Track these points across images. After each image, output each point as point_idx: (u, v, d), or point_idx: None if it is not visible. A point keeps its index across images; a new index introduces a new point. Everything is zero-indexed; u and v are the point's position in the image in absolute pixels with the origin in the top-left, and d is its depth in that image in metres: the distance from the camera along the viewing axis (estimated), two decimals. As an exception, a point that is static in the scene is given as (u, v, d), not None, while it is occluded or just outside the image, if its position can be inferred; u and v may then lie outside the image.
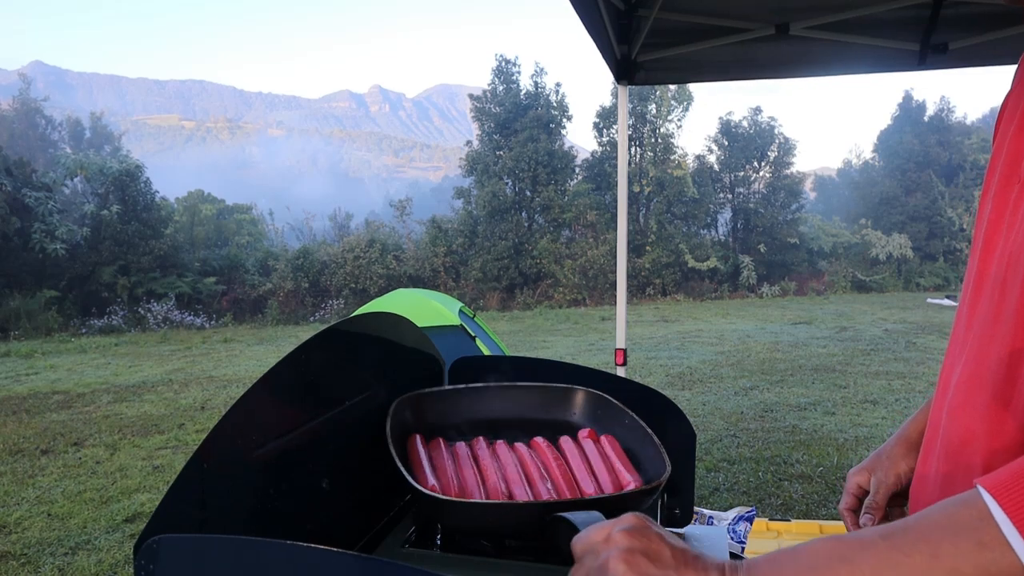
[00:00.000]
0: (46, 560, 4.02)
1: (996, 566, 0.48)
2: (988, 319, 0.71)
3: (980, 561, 0.48)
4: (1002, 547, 0.48)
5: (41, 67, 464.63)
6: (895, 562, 0.51)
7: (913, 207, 28.73)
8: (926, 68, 3.74)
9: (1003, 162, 0.76)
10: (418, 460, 1.22)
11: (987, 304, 0.72)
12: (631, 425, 1.30)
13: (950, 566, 0.49)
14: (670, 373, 9.39)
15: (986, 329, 0.71)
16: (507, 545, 1.14)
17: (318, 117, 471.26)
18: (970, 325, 0.75)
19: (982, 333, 0.72)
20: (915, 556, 0.50)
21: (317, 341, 1.11)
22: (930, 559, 0.50)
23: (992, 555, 0.48)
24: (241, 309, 22.50)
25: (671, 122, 26.54)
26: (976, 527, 0.49)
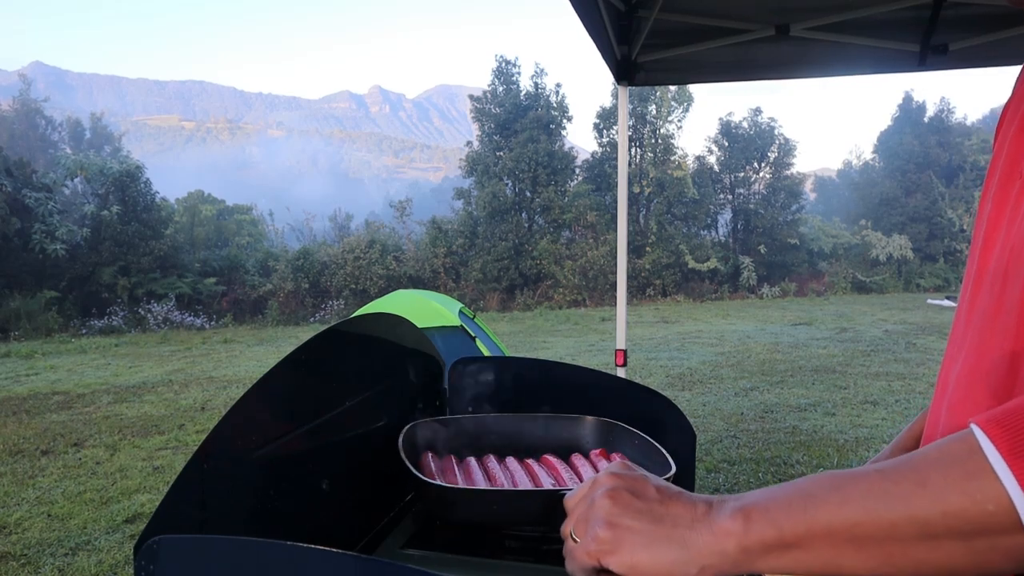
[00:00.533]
0: (46, 561, 4.02)
1: (982, 493, 0.48)
2: (988, 314, 0.72)
3: (966, 488, 0.49)
4: (988, 476, 0.48)
5: (41, 67, 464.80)
6: (883, 490, 0.52)
7: (913, 208, 28.74)
8: (926, 69, 3.74)
9: (1003, 161, 0.77)
10: (427, 466, 1.23)
11: (987, 299, 0.73)
12: (641, 444, 1.31)
13: (937, 494, 0.50)
14: (670, 374, 9.39)
15: (986, 324, 0.72)
16: (507, 545, 1.14)
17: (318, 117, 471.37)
18: (970, 320, 0.76)
19: (982, 328, 0.72)
20: (903, 484, 0.51)
21: (317, 342, 1.11)
22: (917, 487, 0.51)
23: (978, 483, 0.48)
24: (241, 310, 22.50)
25: (671, 123, 26.55)
26: (965, 458, 0.50)
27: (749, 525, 0.55)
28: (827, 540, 0.53)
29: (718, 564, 0.56)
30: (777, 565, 0.55)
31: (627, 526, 0.59)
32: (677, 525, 0.58)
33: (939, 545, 0.50)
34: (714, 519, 0.57)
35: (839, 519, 0.53)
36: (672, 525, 0.58)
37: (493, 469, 1.28)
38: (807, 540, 0.54)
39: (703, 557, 0.56)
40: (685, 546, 0.57)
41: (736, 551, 0.56)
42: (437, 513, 1.17)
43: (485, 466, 1.30)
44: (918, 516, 0.50)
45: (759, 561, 0.56)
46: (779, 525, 0.54)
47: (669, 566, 0.57)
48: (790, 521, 0.54)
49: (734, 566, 0.56)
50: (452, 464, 1.29)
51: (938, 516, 0.50)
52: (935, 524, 0.50)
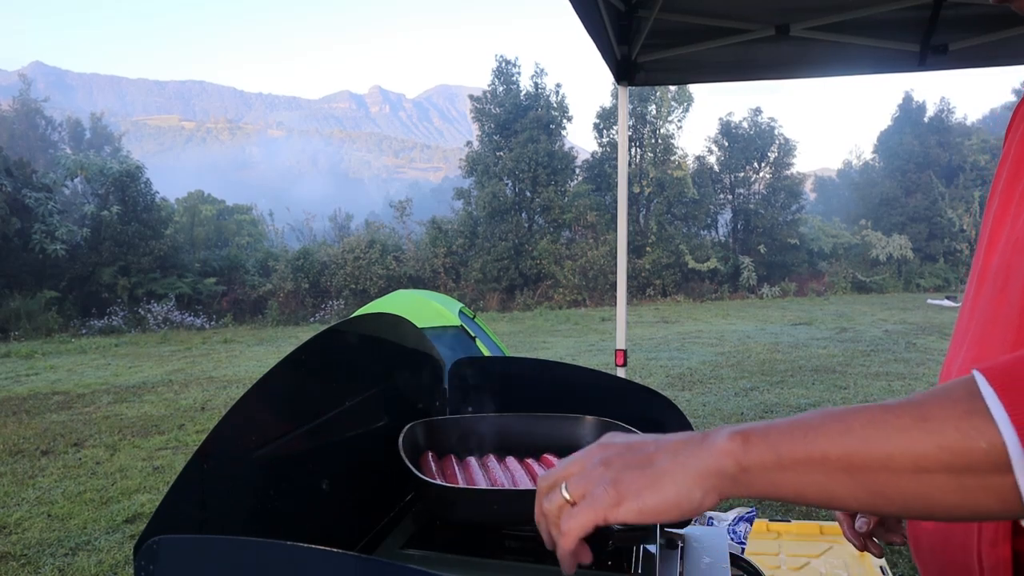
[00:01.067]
0: (46, 561, 4.02)
1: (976, 431, 0.50)
2: (991, 308, 0.72)
3: (962, 425, 0.50)
4: (983, 415, 0.50)
5: (41, 67, 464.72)
6: (883, 421, 0.54)
7: (913, 208, 28.74)
8: (926, 69, 3.75)
9: (1011, 160, 0.77)
10: (428, 466, 1.24)
11: (990, 293, 0.73)
12: None
13: (935, 428, 0.51)
14: (670, 374, 9.39)
15: (988, 318, 0.72)
16: (507, 545, 1.14)
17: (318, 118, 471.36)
18: (973, 314, 0.76)
19: (984, 322, 0.73)
20: (904, 417, 0.53)
21: (317, 342, 1.11)
22: (917, 420, 0.52)
23: (974, 421, 0.50)
24: (241, 310, 22.50)
25: (671, 123, 26.55)
26: (965, 398, 0.52)
27: (748, 446, 0.57)
28: (822, 466, 0.55)
29: (719, 484, 0.58)
30: (772, 487, 0.57)
31: (628, 479, 0.60)
32: (675, 458, 0.59)
33: (931, 479, 0.52)
34: (712, 441, 0.59)
35: (837, 447, 0.54)
36: (670, 460, 0.60)
37: (493, 469, 1.28)
38: (803, 465, 0.55)
39: (704, 479, 0.58)
40: (686, 473, 0.58)
41: (735, 469, 0.57)
42: (437, 513, 1.17)
43: (485, 466, 1.30)
44: (915, 448, 0.52)
45: (755, 481, 0.57)
46: (777, 449, 0.56)
47: (675, 499, 0.58)
48: (788, 446, 0.56)
49: (734, 484, 0.58)
50: (453, 464, 1.29)
51: (934, 449, 0.51)
52: (930, 457, 0.51)
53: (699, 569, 1.20)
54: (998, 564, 0.66)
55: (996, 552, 0.66)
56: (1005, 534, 0.65)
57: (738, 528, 2.46)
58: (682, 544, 1.27)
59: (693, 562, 1.23)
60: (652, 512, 0.58)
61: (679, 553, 1.24)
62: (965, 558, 0.71)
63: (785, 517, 3.78)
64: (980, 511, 0.53)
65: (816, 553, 2.95)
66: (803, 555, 2.94)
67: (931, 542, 0.81)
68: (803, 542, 3.06)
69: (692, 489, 0.58)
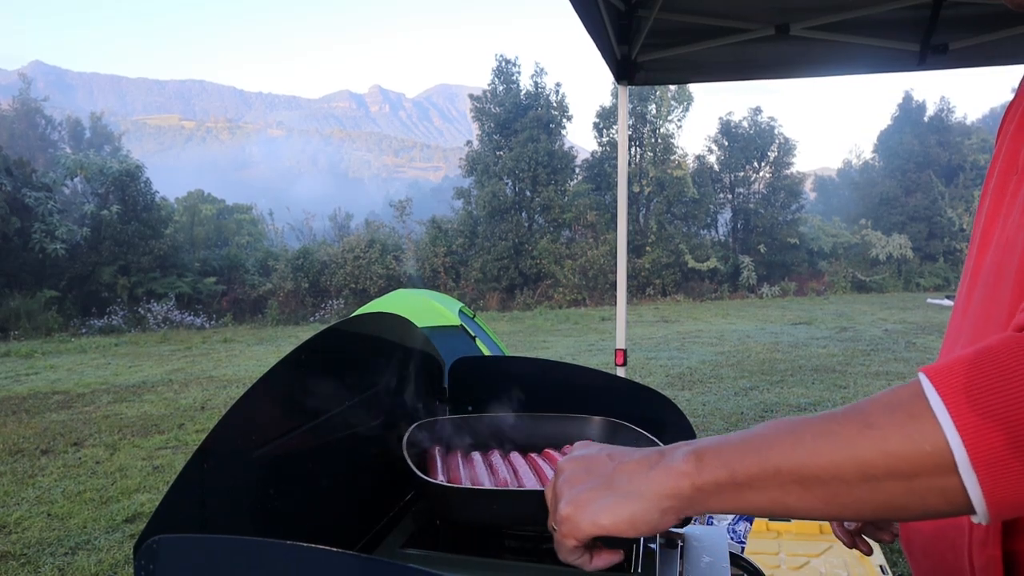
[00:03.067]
0: (46, 560, 4.02)
1: (920, 434, 0.50)
2: (983, 307, 0.72)
3: (907, 430, 0.51)
4: (927, 418, 0.50)
5: (41, 67, 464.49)
6: (830, 431, 0.54)
7: (913, 207, 28.74)
8: (926, 68, 3.74)
9: (1003, 158, 0.78)
10: (433, 464, 1.24)
11: (983, 290, 0.73)
12: (646, 445, 1.31)
13: (880, 435, 0.52)
14: (670, 373, 9.39)
15: (981, 317, 0.72)
16: (507, 545, 1.14)
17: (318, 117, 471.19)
18: (965, 314, 0.76)
19: (977, 321, 0.73)
20: (849, 427, 0.54)
21: (317, 341, 1.11)
22: (863, 428, 0.53)
23: (918, 424, 0.50)
24: (241, 309, 22.50)
25: (671, 122, 26.55)
26: (908, 401, 0.52)
27: (702, 465, 0.58)
28: (776, 481, 0.55)
29: (676, 505, 0.59)
30: (729, 504, 0.58)
31: (584, 499, 0.62)
32: (632, 479, 0.61)
33: (881, 486, 0.52)
34: (668, 463, 0.60)
35: (788, 461, 0.55)
36: (627, 481, 0.61)
37: (497, 466, 1.28)
38: (757, 480, 0.56)
39: (660, 500, 0.59)
40: (642, 496, 0.60)
41: (690, 490, 0.58)
42: (438, 512, 1.17)
43: (490, 463, 1.30)
44: (861, 457, 0.52)
45: (712, 500, 0.58)
46: (731, 466, 0.57)
47: (630, 518, 0.60)
48: (741, 463, 0.57)
49: (690, 504, 0.59)
50: (457, 461, 1.29)
51: (879, 456, 0.52)
52: (877, 465, 0.52)
53: (699, 568, 1.21)
54: (988, 564, 0.67)
55: (986, 552, 0.67)
56: (995, 535, 0.66)
57: (738, 527, 2.46)
58: (682, 543, 1.28)
59: (693, 561, 1.23)
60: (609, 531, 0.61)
61: (679, 552, 1.24)
62: (956, 559, 0.71)
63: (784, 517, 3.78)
64: (930, 511, 0.53)
65: (816, 552, 2.95)
66: (803, 554, 2.95)
67: (923, 543, 0.82)
68: (803, 541, 3.06)
69: (648, 512, 0.60)
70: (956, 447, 0.49)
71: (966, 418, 0.49)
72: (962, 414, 0.49)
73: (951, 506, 0.51)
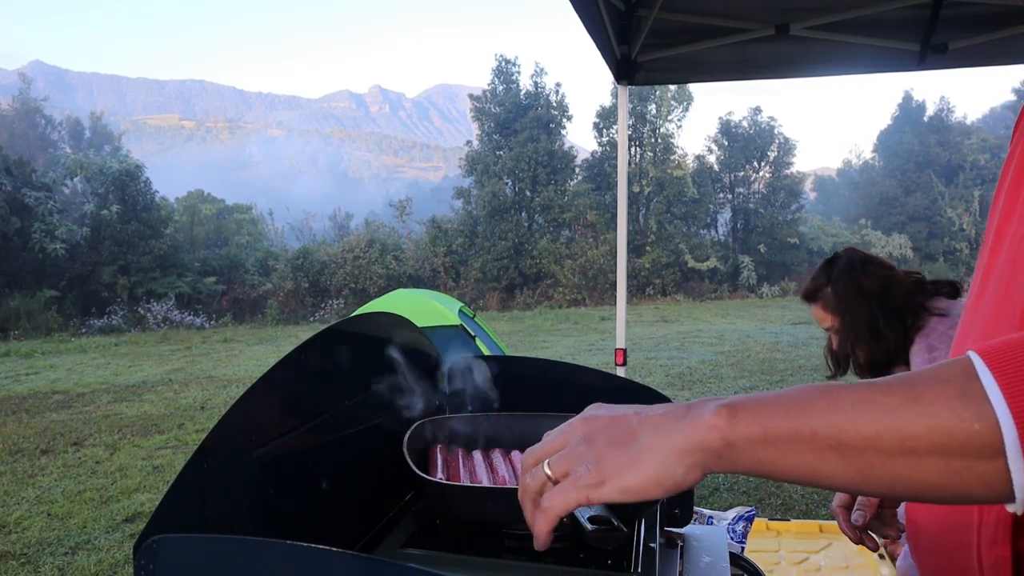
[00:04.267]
0: (46, 560, 4.02)
1: (970, 412, 0.49)
2: (994, 305, 0.72)
3: (956, 406, 0.49)
4: (979, 396, 0.49)
5: (41, 67, 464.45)
6: (873, 399, 0.52)
7: (913, 207, 28.75)
8: (926, 68, 3.74)
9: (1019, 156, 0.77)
10: (433, 463, 1.24)
11: (996, 286, 0.73)
12: None
13: (926, 408, 0.50)
14: (670, 373, 9.39)
15: (992, 315, 0.72)
16: (507, 544, 1.14)
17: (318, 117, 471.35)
18: (976, 312, 0.76)
19: (988, 319, 0.73)
20: (894, 397, 0.52)
21: (317, 341, 1.11)
22: (909, 400, 0.51)
23: (968, 402, 0.49)
24: (241, 309, 22.50)
25: (671, 122, 26.56)
26: (959, 379, 0.50)
27: (734, 420, 0.55)
28: (810, 444, 0.53)
29: (702, 460, 0.56)
30: (758, 463, 0.55)
31: (610, 457, 0.58)
32: (658, 431, 0.58)
33: (919, 462, 0.51)
34: (697, 415, 0.57)
35: (825, 424, 0.53)
36: (653, 435, 0.58)
37: (498, 465, 1.28)
38: (791, 442, 0.54)
39: (687, 455, 0.56)
40: (668, 451, 0.57)
41: (720, 444, 0.55)
42: (438, 511, 1.17)
43: (490, 461, 1.30)
44: (905, 428, 0.50)
45: (741, 457, 0.55)
46: (764, 424, 0.54)
47: (656, 475, 0.57)
48: (776, 421, 0.54)
49: (718, 460, 0.56)
50: (458, 459, 1.29)
51: (924, 430, 0.50)
52: (919, 438, 0.50)
53: (699, 568, 1.21)
54: (998, 563, 0.66)
55: (996, 551, 0.66)
56: (1005, 533, 0.65)
57: (738, 527, 2.46)
58: (682, 543, 1.28)
59: (693, 561, 1.23)
60: (633, 491, 0.57)
61: (679, 552, 1.24)
62: (965, 557, 0.71)
63: (785, 516, 3.79)
64: (964, 494, 0.51)
65: (816, 550, 2.96)
66: (803, 551, 2.95)
67: (930, 541, 0.81)
68: (803, 540, 3.07)
69: (674, 466, 0.56)
70: (1007, 429, 0.47)
71: (1020, 401, 0.47)
72: (1016, 395, 0.48)
73: (987, 490, 0.50)
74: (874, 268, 2.04)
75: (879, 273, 2.03)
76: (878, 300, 1.99)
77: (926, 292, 2.02)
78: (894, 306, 1.98)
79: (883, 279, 2.01)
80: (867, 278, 2.02)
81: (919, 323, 1.97)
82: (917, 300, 1.98)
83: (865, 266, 2.04)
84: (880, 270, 2.04)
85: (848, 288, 2.04)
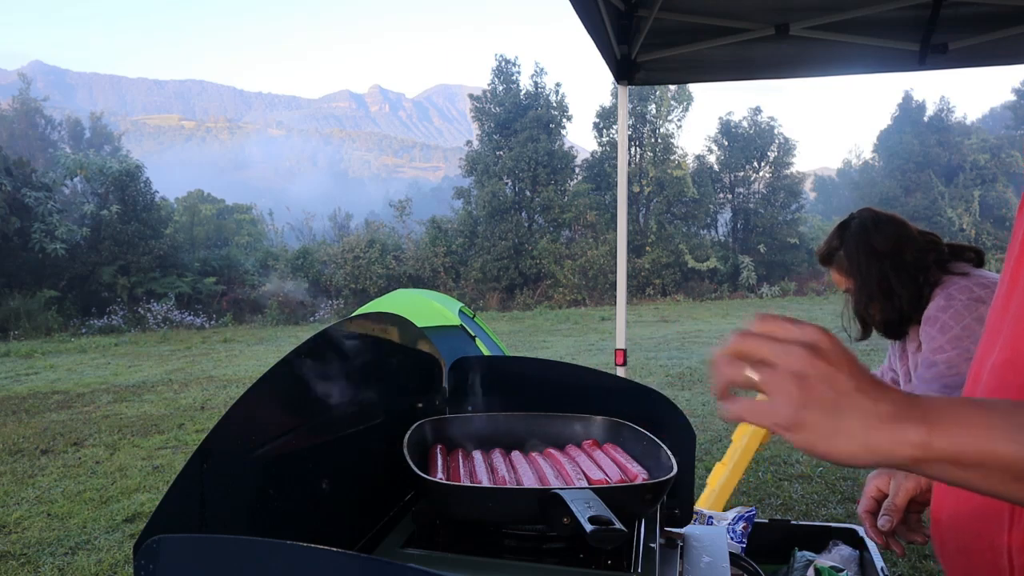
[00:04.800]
0: (46, 560, 4.02)
1: None
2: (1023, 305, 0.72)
3: None
4: None
5: (41, 67, 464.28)
6: None
7: (913, 207, 28.75)
8: (926, 68, 3.74)
9: None
10: (433, 463, 1.24)
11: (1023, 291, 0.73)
12: (648, 444, 1.31)
13: None
14: (670, 373, 9.39)
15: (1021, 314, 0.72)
16: (507, 545, 1.14)
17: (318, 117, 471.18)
18: (1005, 314, 0.76)
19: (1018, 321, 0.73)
20: None
21: (317, 341, 1.11)
22: None
23: None
24: (241, 309, 22.50)
25: (671, 122, 26.56)
26: None
27: (931, 440, 0.57)
28: (1002, 472, 0.56)
29: (885, 462, 0.59)
30: (944, 476, 0.58)
31: (811, 418, 0.59)
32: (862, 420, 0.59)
33: None
34: (897, 425, 0.58)
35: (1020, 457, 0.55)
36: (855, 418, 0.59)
37: (497, 464, 1.28)
38: (983, 467, 0.56)
39: (875, 456, 0.59)
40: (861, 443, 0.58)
41: (910, 461, 0.58)
42: (438, 511, 1.17)
43: (491, 461, 1.30)
44: None
45: (929, 469, 0.58)
46: (959, 447, 0.56)
47: (844, 455, 0.59)
48: (971, 447, 0.56)
49: (900, 466, 0.59)
50: (459, 459, 1.30)
51: None
52: None
53: (699, 568, 1.21)
54: None
55: None
56: None
57: (738, 527, 2.46)
58: (682, 543, 1.28)
59: (693, 561, 1.23)
60: (819, 455, 0.60)
61: (679, 552, 1.24)
62: (995, 557, 0.71)
63: (785, 516, 3.78)
64: None
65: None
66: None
67: (958, 542, 0.81)
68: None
69: (860, 457, 0.59)
70: None
71: None
72: None
73: None
74: (885, 227, 2.03)
75: (890, 232, 2.02)
76: (890, 260, 1.99)
77: (942, 253, 2.01)
78: (906, 264, 1.98)
79: (895, 238, 2.00)
80: (878, 238, 2.01)
81: (935, 279, 1.96)
82: (930, 259, 1.97)
83: (877, 226, 2.04)
84: (892, 228, 2.02)
85: (860, 249, 2.04)
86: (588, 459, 1.28)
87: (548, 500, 0.98)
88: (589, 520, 0.89)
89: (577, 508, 0.93)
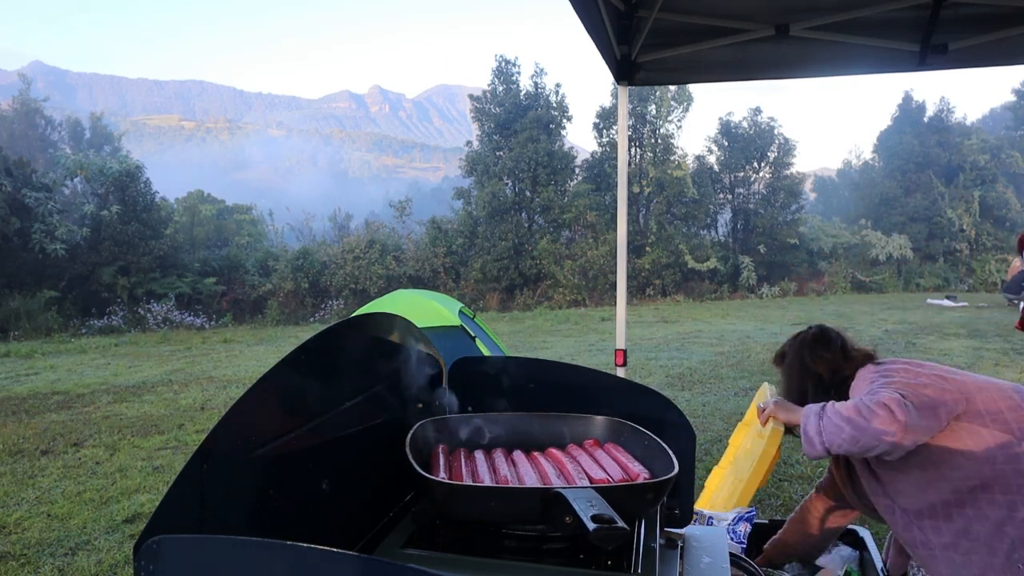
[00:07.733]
0: (46, 560, 4.02)
1: None
2: None
3: None
4: None
5: (41, 67, 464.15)
6: None
7: (913, 208, 28.74)
8: (926, 69, 3.75)
9: None
10: (435, 463, 1.24)
11: None
12: (649, 444, 1.31)
13: None
14: (670, 374, 9.39)
15: None
16: (506, 545, 1.14)
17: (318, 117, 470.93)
18: None
19: None
20: None
21: (317, 342, 1.11)
22: None
23: None
24: (241, 309, 22.49)
25: (671, 122, 26.55)
26: None
27: None
28: None
29: None
30: None
31: None
32: None
33: None
34: None
35: None
36: None
37: (499, 463, 1.28)
38: None
39: None
40: None
41: None
42: (440, 510, 1.18)
43: (492, 461, 1.30)
44: None
45: None
46: None
47: None
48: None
49: None
50: (460, 459, 1.30)
51: None
52: None
53: (699, 569, 1.21)
54: None
55: None
56: None
57: (738, 528, 2.46)
58: (682, 544, 1.28)
59: (693, 561, 1.23)
60: None
61: (679, 552, 1.24)
62: None
63: (785, 517, 3.78)
64: None
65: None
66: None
67: None
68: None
69: None
70: None
71: None
72: None
73: None
74: (823, 352, 2.22)
75: (826, 357, 2.21)
76: (814, 378, 2.20)
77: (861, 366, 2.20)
78: (825, 386, 2.19)
79: (828, 362, 2.20)
80: (813, 358, 2.22)
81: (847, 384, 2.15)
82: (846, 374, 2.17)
83: (815, 348, 2.24)
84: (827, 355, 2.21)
85: (794, 359, 2.27)
86: (589, 458, 1.28)
87: (550, 499, 0.98)
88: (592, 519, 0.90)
89: (579, 507, 0.94)
